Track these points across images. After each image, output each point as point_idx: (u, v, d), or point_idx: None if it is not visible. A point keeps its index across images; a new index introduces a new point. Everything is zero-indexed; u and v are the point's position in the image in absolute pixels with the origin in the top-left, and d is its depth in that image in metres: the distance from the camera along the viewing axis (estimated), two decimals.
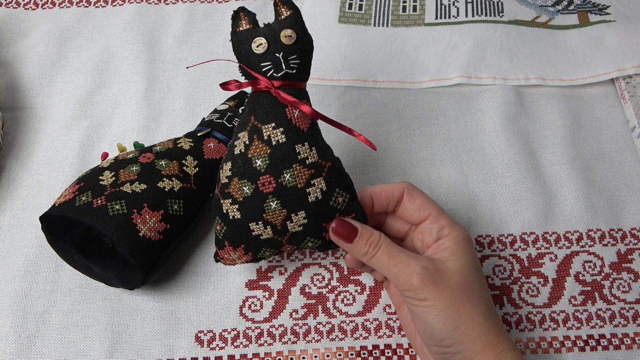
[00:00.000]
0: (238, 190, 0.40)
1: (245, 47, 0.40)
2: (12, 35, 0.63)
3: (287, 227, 0.41)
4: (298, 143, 0.40)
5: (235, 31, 0.41)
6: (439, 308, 0.38)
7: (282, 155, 0.40)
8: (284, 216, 0.40)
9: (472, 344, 0.38)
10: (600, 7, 0.65)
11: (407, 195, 0.43)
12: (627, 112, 0.58)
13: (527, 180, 0.54)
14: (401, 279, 0.39)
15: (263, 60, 0.40)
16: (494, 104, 0.58)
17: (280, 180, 0.40)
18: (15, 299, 0.48)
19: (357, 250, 0.41)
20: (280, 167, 0.40)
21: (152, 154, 0.47)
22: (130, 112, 0.58)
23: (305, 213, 0.40)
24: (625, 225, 0.52)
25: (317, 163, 0.40)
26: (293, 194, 0.40)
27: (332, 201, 0.41)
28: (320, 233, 0.42)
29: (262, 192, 0.40)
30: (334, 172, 0.41)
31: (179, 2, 0.66)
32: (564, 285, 0.50)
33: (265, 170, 0.40)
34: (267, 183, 0.40)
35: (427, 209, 0.42)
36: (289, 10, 0.41)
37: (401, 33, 0.64)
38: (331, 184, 0.41)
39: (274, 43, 0.40)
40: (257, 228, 0.41)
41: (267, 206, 0.40)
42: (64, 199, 0.44)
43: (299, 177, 0.40)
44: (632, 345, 0.47)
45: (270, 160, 0.40)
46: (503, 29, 0.62)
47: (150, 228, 0.43)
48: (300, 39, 0.40)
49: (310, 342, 0.47)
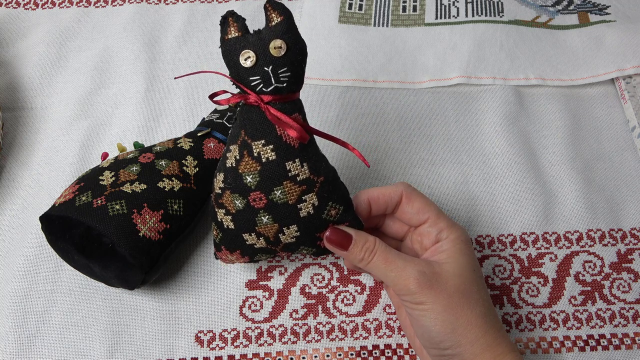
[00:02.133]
0: (230, 202, 0.40)
1: (234, 59, 0.39)
2: (12, 35, 0.63)
3: (280, 239, 0.41)
4: (288, 160, 0.39)
5: (223, 39, 0.39)
6: (436, 311, 0.38)
7: (272, 173, 0.39)
8: (275, 230, 0.40)
9: (470, 346, 0.38)
10: (600, 7, 0.65)
11: (405, 199, 0.43)
12: (627, 112, 0.58)
13: (527, 180, 0.54)
14: (398, 284, 0.39)
15: (252, 74, 0.38)
16: (494, 104, 0.58)
17: (271, 197, 0.39)
18: (15, 299, 0.48)
19: (353, 256, 0.41)
20: (270, 184, 0.39)
21: (152, 154, 0.47)
22: (130, 112, 0.58)
23: (297, 227, 0.40)
24: (625, 225, 0.52)
25: (308, 179, 0.39)
26: (284, 210, 0.39)
27: (325, 214, 0.40)
28: (314, 242, 0.42)
29: (253, 207, 0.39)
30: (326, 186, 0.40)
31: (179, 2, 0.66)
32: (564, 285, 0.50)
33: (255, 187, 0.39)
34: (257, 199, 0.39)
35: (426, 213, 0.42)
36: (279, 17, 0.38)
37: (401, 33, 0.64)
38: (323, 199, 0.40)
39: (262, 56, 0.38)
40: (250, 239, 0.41)
41: (259, 220, 0.40)
42: (64, 199, 0.44)
43: (289, 194, 0.39)
44: (632, 345, 0.47)
45: (260, 177, 0.39)
46: (503, 29, 0.62)
47: (150, 228, 0.43)
48: (291, 49, 0.38)
49: (310, 342, 0.47)
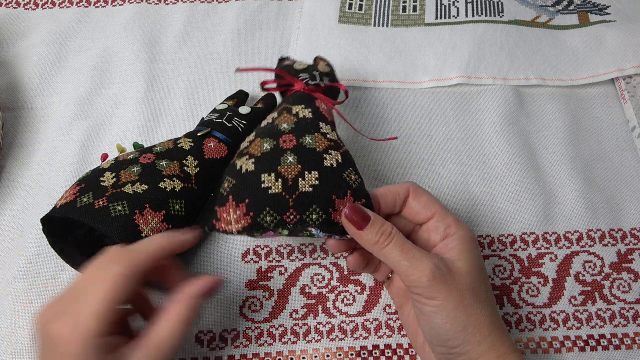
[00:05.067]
0: (258, 147, 0.42)
1: (287, 66, 0.49)
2: (12, 35, 0.63)
3: (298, 184, 0.40)
4: (322, 122, 0.44)
5: (279, 62, 0.52)
6: (448, 308, 0.37)
7: (307, 124, 0.43)
8: (297, 171, 0.40)
9: (478, 345, 0.37)
10: (600, 7, 0.65)
11: (412, 194, 0.43)
12: (627, 112, 0.58)
13: (527, 180, 0.54)
14: (411, 275, 0.38)
15: (301, 73, 0.48)
16: (494, 104, 0.59)
17: (301, 140, 0.42)
18: (15, 299, 0.48)
19: (367, 239, 0.40)
20: (303, 131, 0.43)
21: (153, 155, 0.47)
22: (130, 112, 0.58)
23: (318, 174, 0.41)
24: (625, 225, 0.53)
25: (336, 141, 0.43)
26: (310, 154, 0.41)
27: (346, 174, 0.41)
28: (327, 205, 0.40)
29: (281, 148, 0.42)
30: (348, 155, 0.43)
31: (179, 2, 0.66)
32: (564, 285, 0.50)
33: (288, 132, 0.43)
34: (288, 140, 0.42)
35: (433, 207, 0.42)
36: (325, 63, 0.51)
37: (401, 33, 0.64)
38: (346, 160, 0.43)
39: (312, 67, 0.50)
40: (268, 180, 0.40)
41: (284, 159, 0.41)
42: (65, 200, 0.44)
43: (318, 142, 0.42)
44: (632, 345, 0.47)
45: (295, 125, 0.43)
46: (503, 29, 0.62)
47: (152, 228, 0.43)
48: (331, 75, 0.50)
49: (310, 342, 0.47)
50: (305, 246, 0.51)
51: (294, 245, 0.51)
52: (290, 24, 0.65)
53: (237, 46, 0.63)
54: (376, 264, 0.45)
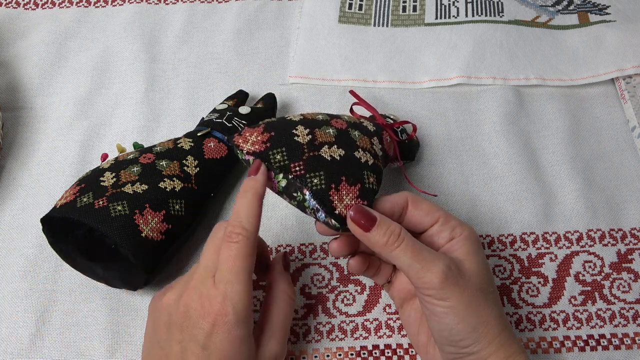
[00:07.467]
0: (312, 115, 0.45)
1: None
2: (12, 35, 0.63)
3: (322, 148, 0.41)
4: (377, 138, 0.46)
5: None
6: (459, 309, 0.37)
7: (364, 128, 0.45)
8: (328, 140, 0.42)
9: (488, 345, 0.37)
10: (600, 7, 0.65)
11: (412, 204, 0.42)
12: (627, 112, 0.58)
13: (527, 180, 0.54)
14: (423, 277, 0.37)
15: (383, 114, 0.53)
16: (494, 104, 0.59)
17: (350, 130, 0.44)
18: (15, 299, 0.48)
19: (375, 240, 0.39)
20: (358, 128, 0.44)
21: (153, 155, 0.47)
22: (130, 112, 0.58)
23: (344, 153, 0.41)
24: (625, 225, 0.53)
25: (377, 154, 0.44)
26: (349, 141, 0.43)
27: (366, 174, 0.41)
28: (332, 181, 0.40)
29: (330, 123, 0.44)
30: (379, 169, 0.44)
31: (179, 2, 0.66)
32: (564, 285, 0.50)
33: (345, 121, 0.45)
34: (339, 122, 0.44)
35: (436, 212, 0.41)
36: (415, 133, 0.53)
37: (401, 33, 0.64)
38: (375, 169, 0.43)
39: (385, 116, 0.53)
40: (300, 131, 0.42)
41: (325, 128, 0.43)
42: (65, 200, 0.44)
43: (362, 141, 0.43)
44: (632, 345, 0.47)
45: (354, 122, 0.45)
46: (503, 29, 0.62)
47: (152, 228, 0.43)
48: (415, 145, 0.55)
49: (310, 342, 0.47)
50: (305, 246, 0.51)
51: (294, 246, 0.51)
52: (290, 24, 0.65)
53: (237, 46, 0.63)
54: (376, 267, 0.45)
